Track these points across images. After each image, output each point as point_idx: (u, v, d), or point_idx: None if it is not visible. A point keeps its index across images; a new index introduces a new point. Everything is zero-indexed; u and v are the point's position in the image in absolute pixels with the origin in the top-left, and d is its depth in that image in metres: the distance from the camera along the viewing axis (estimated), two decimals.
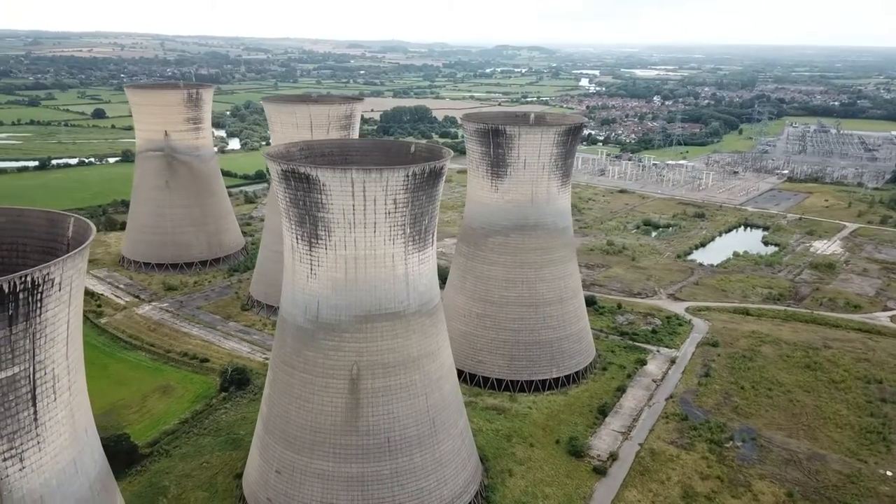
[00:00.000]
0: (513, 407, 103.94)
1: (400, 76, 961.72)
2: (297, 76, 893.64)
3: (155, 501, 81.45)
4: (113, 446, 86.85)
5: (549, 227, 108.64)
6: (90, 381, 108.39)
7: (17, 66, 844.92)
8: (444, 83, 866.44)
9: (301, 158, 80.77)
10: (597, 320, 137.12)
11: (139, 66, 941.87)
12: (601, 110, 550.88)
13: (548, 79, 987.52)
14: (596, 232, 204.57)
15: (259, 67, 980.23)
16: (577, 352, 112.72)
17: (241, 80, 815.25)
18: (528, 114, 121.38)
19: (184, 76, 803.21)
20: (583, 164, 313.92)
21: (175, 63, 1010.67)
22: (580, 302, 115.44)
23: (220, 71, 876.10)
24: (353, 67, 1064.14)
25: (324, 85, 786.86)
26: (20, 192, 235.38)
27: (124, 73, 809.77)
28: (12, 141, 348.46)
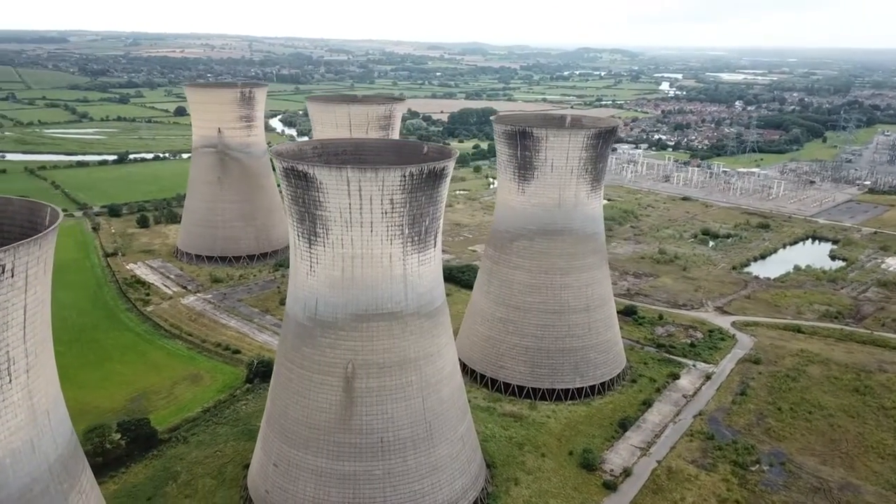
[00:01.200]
0: (531, 415, 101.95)
1: (476, 78, 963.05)
2: (374, 77, 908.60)
3: (165, 485, 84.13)
4: (133, 430, 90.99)
5: (576, 233, 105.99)
6: (128, 366, 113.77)
7: (115, 66, 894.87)
8: (518, 85, 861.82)
9: (314, 157, 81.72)
10: (634, 331, 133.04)
11: (226, 66, 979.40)
12: (676, 115, 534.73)
13: (627, 82, 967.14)
14: (650, 240, 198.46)
15: (338, 68, 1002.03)
16: (604, 362, 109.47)
17: (319, 81, 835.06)
18: (564, 116, 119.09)
19: (265, 76, 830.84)
20: (647, 170, 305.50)
21: (259, 63, 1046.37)
22: (609, 311, 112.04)
23: (300, 71, 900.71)
24: (429, 69, 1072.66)
25: (399, 86, 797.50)
26: (94, 184, 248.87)
27: (210, 73, 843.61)
28: (99, 136, 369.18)
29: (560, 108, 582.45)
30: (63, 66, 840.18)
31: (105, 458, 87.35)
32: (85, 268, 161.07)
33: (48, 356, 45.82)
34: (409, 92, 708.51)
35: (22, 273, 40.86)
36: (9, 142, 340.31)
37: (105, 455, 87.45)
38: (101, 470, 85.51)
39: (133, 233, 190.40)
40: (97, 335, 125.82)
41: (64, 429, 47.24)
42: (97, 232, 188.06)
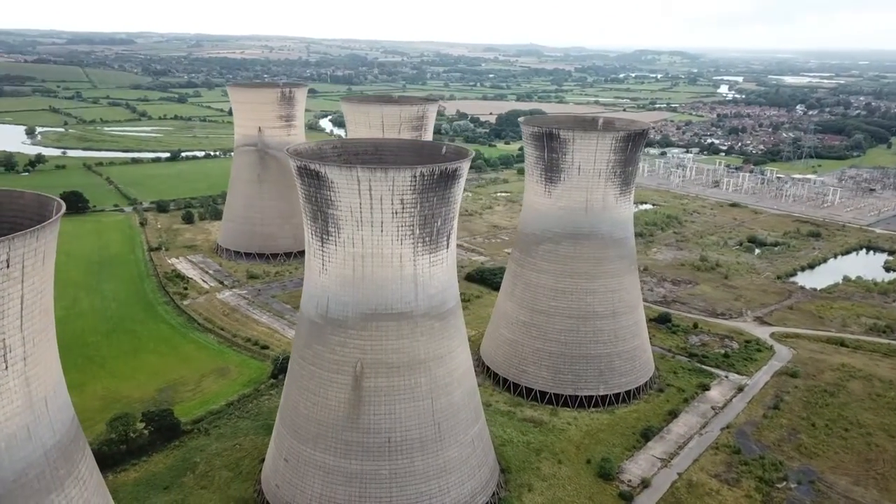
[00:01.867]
0: (551, 421, 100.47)
1: (528, 80, 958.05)
2: (426, 78, 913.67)
3: (183, 475, 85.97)
4: (157, 420, 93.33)
5: (603, 237, 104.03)
6: (160, 357, 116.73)
7: (176, 66, 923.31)
8: (571, 87, 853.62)
9: (333, 156, 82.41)
10: (666, 339, 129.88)
11: (282, 67, 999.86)
12: (732, 119, 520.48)
13: (683, 85, 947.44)
14: (692, 246, 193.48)
15: (392, 69, 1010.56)
16: (630, 370, 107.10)
17: (372, 82, 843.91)
18: (595, 118, 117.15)
19: (320, 77, 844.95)
20: (696, 175, 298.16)
21: (315, 65, 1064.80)
22: (637, 318, 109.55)
23: (354, 72, 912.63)
24: (482, 71, 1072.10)
25: (450, 87, 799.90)
26: (146, 180, 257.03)
27: (267, 74, 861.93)
28: (155, 134, 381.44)
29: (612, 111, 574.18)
30: (128, 66, 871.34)
31: (129, 446, 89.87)
32: (129, 261, 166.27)
33: (48, 345, 47.30)
34: (459, 93, 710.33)
35: (18, 264, 42.26)
36: (71, 139, 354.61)
37: (129, 443, 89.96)
38: (123, 458, 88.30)
39: (178, 228, 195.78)
40: (134, 327, 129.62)
41: (63, 416, 48.70)
42: (144, 227, 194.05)
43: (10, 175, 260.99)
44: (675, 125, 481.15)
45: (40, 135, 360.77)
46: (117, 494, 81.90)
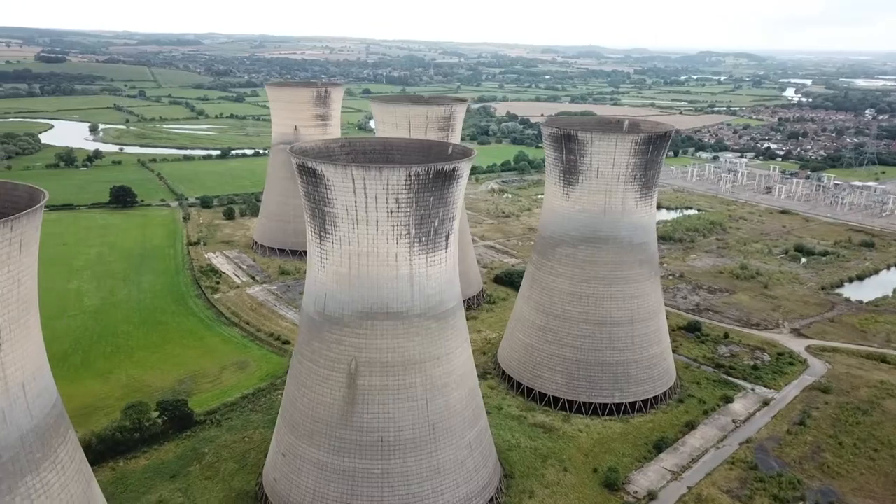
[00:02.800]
0: (563, 427, 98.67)
1: (585, 82, 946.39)
2: (481, 79, 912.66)
3: (190, 465, 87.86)
4: (170, 410, 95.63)
5: (622, 242, 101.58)
6: (185, 349, 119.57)
7: (238, 67, 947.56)
8: (628, 90, 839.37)
9: (342, 155, 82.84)
10: (694, 348, 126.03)
11: (340, 67, 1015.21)
12: (794, 123, 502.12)
13: (747, 87, 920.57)
14: (734, 254, 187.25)
15: (448, 71, 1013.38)
16: (648, 379, 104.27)
17: (427, 83, 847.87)
18: (622, 120, 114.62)
19: (376, 77, 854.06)
20: (747, 181, 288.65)
21: (372, 65, 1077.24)
22: (657, 326, 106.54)
23: (409, 73, 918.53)
24: (538, 72, 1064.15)
25: (504, 88, 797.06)
26: (195, 177, 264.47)
27: (325, 74, 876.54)
28: (209, 132, 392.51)
29: (667, 114, 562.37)
30: (192, 66, 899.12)
31: (142, 434, 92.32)
32: (168, 255, 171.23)
33: (27, 332, 48.76)
34: (513, 94, 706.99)
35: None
36: (131, 136, 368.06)
37: (142, 431, 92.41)
38: (136, 445, 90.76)
39: (218, 224, 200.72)
40: (165, 318, 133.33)
41: (42, 402, 50.23)
42: (186, 222, 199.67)
43: (69, 169, 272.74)
44: (733, 129, 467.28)
45: (102, 132, 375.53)
46: (125, 481, 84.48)
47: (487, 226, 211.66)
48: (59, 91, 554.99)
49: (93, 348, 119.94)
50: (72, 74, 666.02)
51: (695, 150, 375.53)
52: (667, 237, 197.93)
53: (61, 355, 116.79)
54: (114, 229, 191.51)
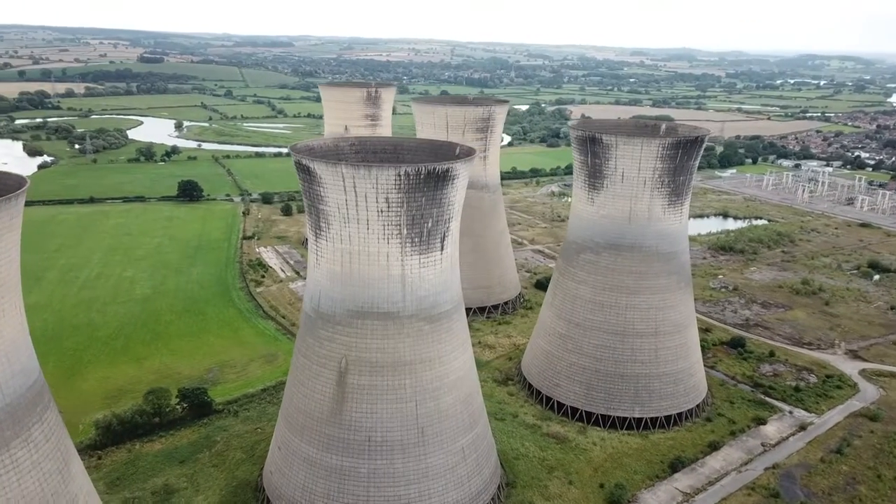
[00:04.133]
0: (577, 439, 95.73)
1: (671, 85, 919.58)
2: (562, 82, 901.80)
3: (200, 452, 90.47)
4: (190, 397, 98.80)
5: (648, 250, 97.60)
6: (220, 339, 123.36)
7: (324, 68, 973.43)
8: (716, 94, 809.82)
9: (351, 153, 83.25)
10: (734, 365, 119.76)
11: (423, 69, 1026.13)
12: (893, 130, 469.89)
13: (848, 93, 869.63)
14: (799, 268, 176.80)
15: (529, 73, 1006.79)
16: (672, 394, 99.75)
17: (507, 85, 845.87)
18: (658, 124, 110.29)
19: (456, 79, 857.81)
20: (828, 191, 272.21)
21: (455, 67, 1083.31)
22: (685, 340, 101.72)
23: (490, 75, 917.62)
24: (623, 75, 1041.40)
25: (585, 91, 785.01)
26: (262, 173, 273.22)
27: (406, 76, 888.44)
28: (284, 130, 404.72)
29: (753, 119, 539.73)
30: (281, 67, 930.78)
31: (162, 419, 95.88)
32: (223, 248, 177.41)
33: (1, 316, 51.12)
34: (592, 97, 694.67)
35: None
36: (211, 133, 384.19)
37: (162, 416, 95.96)
38: (154, 429, 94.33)
39: (275, 219, 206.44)
40: (206, 309, 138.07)
41: (16, 383, 52.71)
42: (245, 216, 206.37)
43: (148, 163, 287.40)
44: (822, 136, 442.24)
45: (186, 128, 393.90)
46: (137, 462, 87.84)
47: (540, 230, 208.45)
48: (154, 90, 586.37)
49: (134, 334, 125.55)
50: (167, 74, 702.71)
51: (776, 157, 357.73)
52: (726, 247, 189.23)
53: (105, 339, 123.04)
54: (177, 221, 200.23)
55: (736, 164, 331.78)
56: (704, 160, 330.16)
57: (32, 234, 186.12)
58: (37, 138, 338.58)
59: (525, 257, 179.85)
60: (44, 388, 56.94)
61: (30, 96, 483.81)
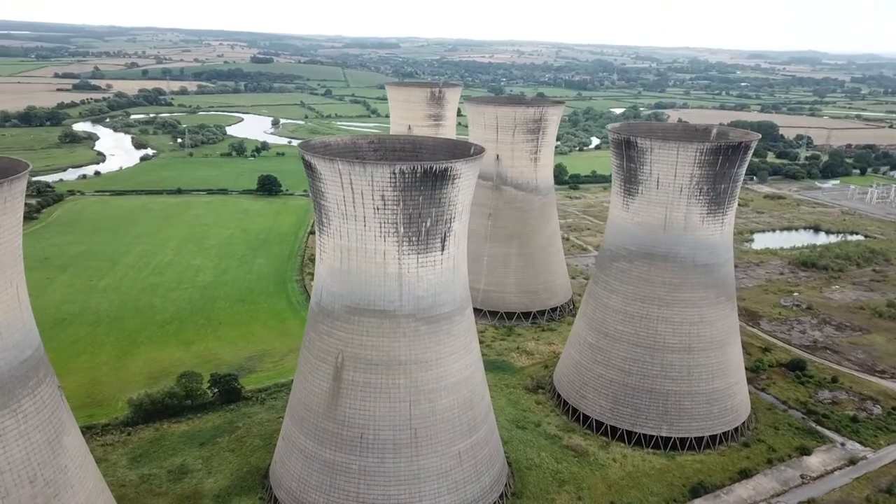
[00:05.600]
0: (597, 454, 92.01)
1: (786, 90, 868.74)
2: (667, 85, 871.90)
3: (221, 436, 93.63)
4: (221, 383, 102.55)
5: (683, 261, 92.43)
6: (266, 329, 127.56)
7: (425, 69, 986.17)
8: (836, 99, 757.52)
9: (369, 151, 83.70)
10: (789, 389, 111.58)
11: (523, 70, 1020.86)
12: None
13: None
14: (888, 289, 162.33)
15: (633, 76, 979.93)
16: (704, 415, 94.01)
17: (608, 87, 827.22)
18: (709, 128, 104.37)
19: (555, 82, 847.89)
20: None
21: (556, 69, 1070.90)
22: (723, 358, 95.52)
23: (590, 78, 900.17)
24: (734, 79, 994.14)
25: (690, 95, 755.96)
26: None
27: (505, 77, 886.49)
28: (374, 129, 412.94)
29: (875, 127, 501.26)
30: (383, 68, 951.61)
31: (193, 401, 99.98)
32: (288, 241, 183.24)
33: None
34: (696, 102, 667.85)
35: None
36: (304, 131, 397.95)
37: (193, 399, 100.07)
38: (183, 411, 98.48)
39: None
40: (259, 299, 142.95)
41: (8, 356, 56.20)
42: None
43: (238, 158, 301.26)
44: None
45: (282, 126, 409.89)
46: (161, 441, 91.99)
47: None
48: (259, 88, 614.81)
49: (188, 319, 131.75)
50: (274, 74, 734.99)
51: (889, 168, 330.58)
52: (808, 263, 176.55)
53: (160, 322, 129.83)
54: (251, 214, 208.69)
55: (840, 175, 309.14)
56: (804, 170, 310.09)
57: (120, 220, 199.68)
58: (145, 132, 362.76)
59: (587, 263, 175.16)
60: (40, 364, 60.35)
61: (147, 93, 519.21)
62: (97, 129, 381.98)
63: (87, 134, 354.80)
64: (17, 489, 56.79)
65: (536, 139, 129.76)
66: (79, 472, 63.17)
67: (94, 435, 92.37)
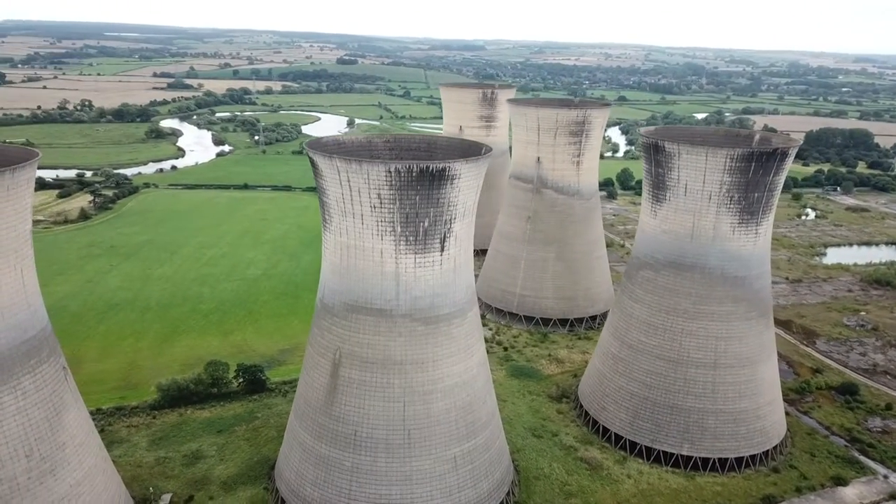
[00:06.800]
0: (612, 469, 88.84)
1: (893, 97, 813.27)
2: (759, 89, 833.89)
3: (239, 425, 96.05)
4: (246, 373, 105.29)
5: (710, 272, 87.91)
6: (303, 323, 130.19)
7: (506, 71, 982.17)
8: None
9: (385, 150, 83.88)
10: (835, 414, 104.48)
11: (608, 73, 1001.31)
12: None
13: None
14: None
15: (723, 79, 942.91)
16: (730, 435, 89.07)
17: (696, 92, 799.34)
18: (752, 133, 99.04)
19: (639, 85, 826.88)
20: None
21: (642, 72, 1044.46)
22: (754, 376, 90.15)
23: (677, 81, 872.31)
24: (834, 84, 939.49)
25: (784, 101, 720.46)
26: None
27: (588, 80, 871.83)
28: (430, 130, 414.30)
29: None
30: (465, 70, 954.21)
31: (219, 389, 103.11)
32: None
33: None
34: (788, 108, 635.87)
35: None
36: (376, 131, 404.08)
37: (219, 387, 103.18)
38: (208, 398, 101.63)
39: None
40: (301, 293, 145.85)
41: (10, 335, 59.47)
42: None
43: (302, 156, 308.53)
44: None
45: (357, 126, 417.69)
46: (183, 426, 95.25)
47: None
48: (341, 89, 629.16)
49: (231, 310, 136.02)
50: (357, 75, 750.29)
51: None
52: (883, 281, 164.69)
53: (205, 312, 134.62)
54: (309, 211, 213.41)
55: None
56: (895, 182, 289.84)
57: (186, 213, 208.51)
58: (225, 130, 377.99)
59: None
60: (43, 345, 63.49)
61: (233, 92, 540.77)
62: (182, 126, 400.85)
63: (172, 130, 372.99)
64: (12, 462, 59.94)
65: (579, 142, 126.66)
66: (78, 450, 66.07)
67: (122, 416, 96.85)
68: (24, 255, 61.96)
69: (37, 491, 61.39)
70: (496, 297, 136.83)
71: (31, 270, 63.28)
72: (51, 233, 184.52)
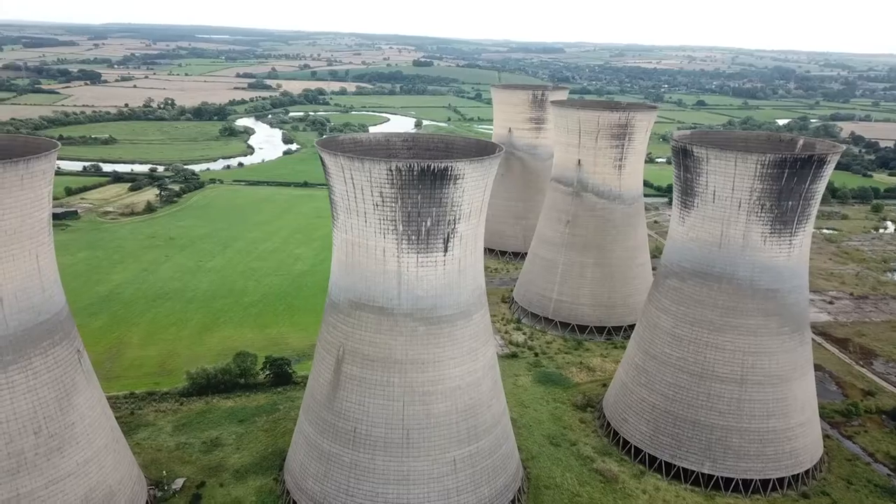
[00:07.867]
0: (628, 483, 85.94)
1: None
2: (852, 95, 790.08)
3: (260, 416, 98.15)
4: (274, 366, 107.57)
5: (739, 283, 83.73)
6: None
7: (582, 74, 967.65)
8: None
9: (403, 150, 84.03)
10: (883, 440, 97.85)
11: (690, 77, 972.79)
12: None
13: None
14: None
15: (814, 84, 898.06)
16: (756, 455, 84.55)
17: (782, 97, 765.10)
18: (795, 138, 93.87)
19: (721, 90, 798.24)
20: None
21: (727, 76, 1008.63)
22: (785, 395, 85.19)
23: (761, 86, 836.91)
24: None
25: (880, 107, 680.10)
26: None
27: (667, 84, 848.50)
28: None
29: None
30: (541, 73, 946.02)
31: (246, 380, 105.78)
32: None
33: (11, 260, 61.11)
34: (881, 114, 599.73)
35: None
36: (441, 132, 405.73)
37: (247, 378, 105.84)
38: (235, 388, 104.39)
39: None
40: None
41: (24, 317, 62.66)
42: None
43: None
44: None
45: (424, 127, 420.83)
46: (207, 414, 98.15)
47: None
48: (414, 90, 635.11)
49: (272, 304, 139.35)
50: (431, 76, 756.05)
51: None
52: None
53: (246, 305, 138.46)
54: None
55: None
56: None
57: (245, 208, 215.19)
58: (296, 129, 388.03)
59: None
60: (57, 328, 66.63)
61: (309, 93, 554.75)
62: (256, 125, 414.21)
63: (245, 128, 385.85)
64: (21, 437, 63.14)
65: (622, 145, 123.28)
66: (88, 431, 68.97)
67: (152, 401, 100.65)
68: (40, 241, 65.17)
69: (43, 466, 64.44)
70: (532, 302, 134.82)
71: (47, 256, 66.47)
72: (118, 223, 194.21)
